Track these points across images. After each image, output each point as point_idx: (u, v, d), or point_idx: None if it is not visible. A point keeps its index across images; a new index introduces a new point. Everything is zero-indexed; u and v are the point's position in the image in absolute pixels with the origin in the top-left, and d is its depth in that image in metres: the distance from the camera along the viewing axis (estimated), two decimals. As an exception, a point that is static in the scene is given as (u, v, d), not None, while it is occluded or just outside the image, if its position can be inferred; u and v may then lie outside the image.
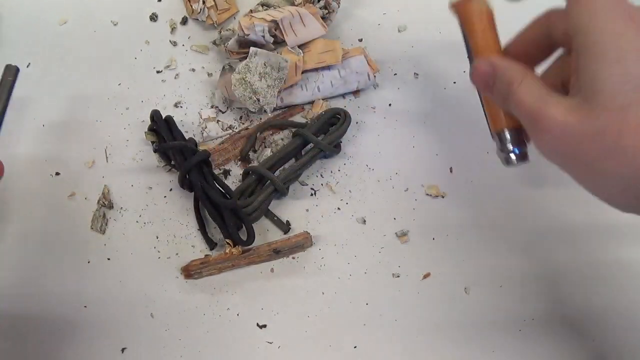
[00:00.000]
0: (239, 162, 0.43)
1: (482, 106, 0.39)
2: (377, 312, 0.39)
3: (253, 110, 0.42)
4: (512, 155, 0.36)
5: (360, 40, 0.47)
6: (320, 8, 0.44)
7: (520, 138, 0.37)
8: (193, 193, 0.40)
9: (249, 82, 0.40)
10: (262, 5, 0.46)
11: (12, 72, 0.38)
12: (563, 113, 0.29)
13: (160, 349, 0.37)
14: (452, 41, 0.48)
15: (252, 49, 0.41)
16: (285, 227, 0.40)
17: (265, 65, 0.41)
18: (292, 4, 0.45)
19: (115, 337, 0.38)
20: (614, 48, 0.27)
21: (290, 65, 0.41)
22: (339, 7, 0.45)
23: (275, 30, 0.43)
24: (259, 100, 0.41)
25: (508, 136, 0.36)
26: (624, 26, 0.27)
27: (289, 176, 0.41)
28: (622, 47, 0.27)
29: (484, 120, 0.44)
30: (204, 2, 0.46)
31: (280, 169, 0.42)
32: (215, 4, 0.46)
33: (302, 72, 0.43)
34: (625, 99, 0.26)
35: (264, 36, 0.42)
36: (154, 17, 0.47)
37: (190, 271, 0.38)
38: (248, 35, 0.42)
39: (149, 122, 0.42)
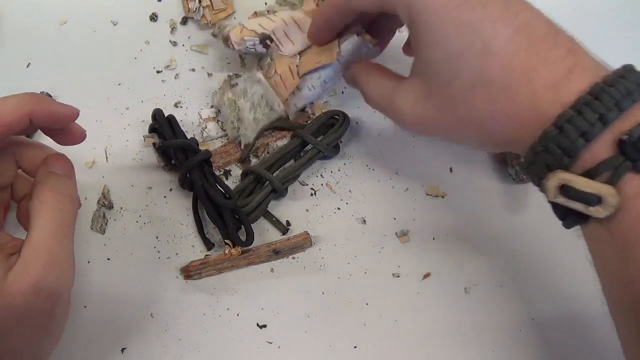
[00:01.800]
0: (239, 164, 0.43)
1: None
2: (377, 312, 0.39)
3: (229, 135, 0.42)
4: (523, 175, 0.39)
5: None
6: None
7: None
8: (192, 193, 0.40)
9: (239, 107, 0.40)
10: (267, 11, 0.46)
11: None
12: (411, 105, 0.32)
13: (160, 349, 0.37)
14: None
15: (256, 74, 0.41)
16: (283, 227, 0.40)
17: (262, 97, 0.40)
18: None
19: (115, 337, 0.38)
20: (435, 27, 0.30)
21: (284, 71, 0.40)
22: None
23: (271, 42, 0.41)
24: (238, 128, 0.41)
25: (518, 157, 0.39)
26: (443, 3, 0.29)
27: (287, 176, 0.41)
28: (442, 22, 0.29)
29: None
30: (199, 1, 0.46)
31: (280, 169, 0.42)
32: (211, 4, 0.46)
33: (301, 76, 0.41)
34: (448, 76, 0.30)
35: (254, 49, 0.41)
36: (154, 17, 0.47)
37: (189, 272, 0.38)
38: (238, 50, 0.41)
39: (149, 122, 0.42)
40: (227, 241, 0.38)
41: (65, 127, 0.33)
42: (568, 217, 0.28)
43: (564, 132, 0.27)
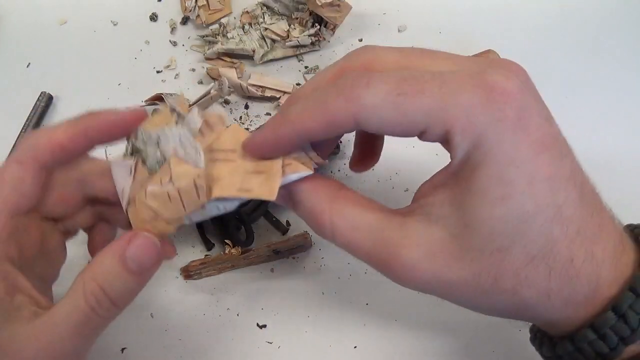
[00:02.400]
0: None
1: None
2: (377, 312, 0.39)
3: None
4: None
5: (361, 40, 0.47)
6: (310, 35, 0.44)
7: None
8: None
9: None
10: (262, 5, 0.46)
11: (45, 98, 0.43)
12: (422, 257, 0.24)
13: (160, 349, 0.37)
14: (452, 41, 0.48)
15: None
16: (284, 228, 0.40)
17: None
18: (290, 17, 0.45)
19: (115, 337, 0.38)
20: (508, 175, 0.23)
21: (186, 185, 0.26)
22: (332, 35, 0.45)
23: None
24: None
25: None
26: (523, 145, 0.23)
27: None
28: (519, 172, 0.23)
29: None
30: (195, 1, 0.46)
31: None
32: (208, 3, 0.46)
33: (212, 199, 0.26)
34: (504, 242, 0.23)
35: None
36: (154, 17, 0.47)
37: (189, 272, 0.38)
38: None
39: (149, 122, 0.42)
40: (227, 241, 0.38)
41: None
42: None
43: (626, 318, 0.23)
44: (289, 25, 0.45)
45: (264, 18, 0.46)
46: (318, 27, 0.44)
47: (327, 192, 0.26)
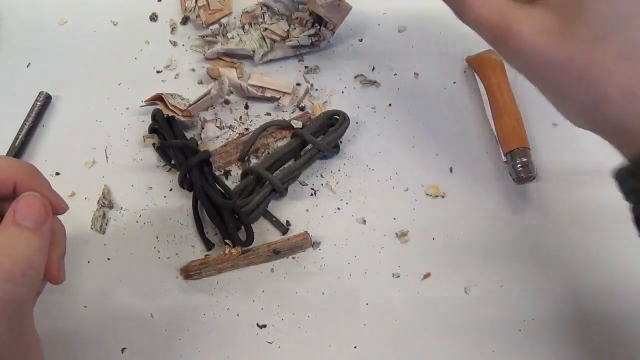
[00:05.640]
0: (239, 164, 0.43)
1: (494, 130, 0.42)
2: (377, 312, 0.39)
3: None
4: (523, 175, 0.39)
5: (361, 40, 0.47)
6: (310, 36, 0.44)
7: (530, 159, 0.41)
8: (192, 193, 0.40)
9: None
10: (262, 5, 0.46)
11: (43, 98, 0.43)
12: (535, 33, 0.27)
13: (160, 349, 0.37)
14: (452, 41, 0.48)
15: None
16: (283, 227, 0.40)
17: None
18: (290, 17, 0.45)
19: (115, 337, 0.38)
20: None
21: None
22: (332, 35, 0.45)
23: None
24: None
25: (519, 157, 0.39)
26: None
27: (287, 176, 0.41)
28: None
29: (485, 121, 0.44)
30: (195, 1, 0.46)
31: (280, 169, 0.42)
32: (208, 3, 0.46)
33: None
34: (603, 30, 0.26)
35: None
36: (154, 17, 0.47)
37: (189, 272, 0.38)
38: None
39: (149, 122, 0.42)
40: (227, 241, 0.38)
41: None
42: None
43: None
44: (289, 25, 0.45)
45: (263, 18, 0.46)
46: (318, 27, 0.44)
47: None
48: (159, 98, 0.42)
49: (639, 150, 0.26)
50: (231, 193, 0.39)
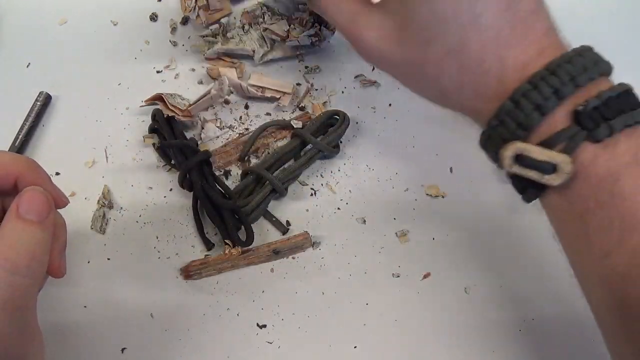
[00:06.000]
0: (239, 164, 0.43)
1: None
2: (377, 312, 0.39)
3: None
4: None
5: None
6: (310, 36, 0.44)
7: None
8: (192, 193, 0.40)
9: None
10: (262, 5, 0.46)
11: (43, 98, 0.43)
12: (376, 39, 0.31)
13: (160, 349, 0.37)
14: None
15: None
16: (283, 227, 0.40)
17: None
18: (290, 17, 0.45)
19: (115, 337, 0.38)
20: None
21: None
22: (332, 35, 0.45)
23: None
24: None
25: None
26: None
27: (287, 176, 0.41)
28: None
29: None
30: (195, 1, 0.46)
31: (280, 169, 0.42)
32: (208, 4, 0.46)
33: None
34: (430, 33, 0.29)
35: None
36: (154, 17, 0.47)
37: (189, 272, 0.38)
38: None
39: (149, 122, 0.42)
40: (227, 241, 0.38)
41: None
42: (526, 189, 0.29)
43: (520, 105, 0.27)
44: (289, 25, 0.45)
45: (263, 18, 0.46)
46: (318, 27, 0.44)
47: None
48: (159, 98, 0.42)
49: (486, 123, 0.30)
50: (231, 193, 0.39)
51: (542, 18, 0.29)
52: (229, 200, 0.38)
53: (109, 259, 0.40)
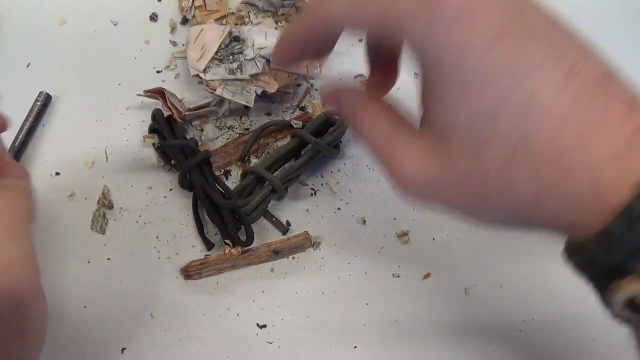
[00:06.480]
0: (239, 164, 0.42)
1: None
2: (377, 312, 0.39)
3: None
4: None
5: (361, 40, 0.47)
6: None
7: None
8: (192, 193, 0.40)
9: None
10: (246, 4, 0.46)
11: (43, 98, 0.43)
12: (417, 160, 0.24)
13: (160, 349, 0.37)
14: (452, 41, 0.48)
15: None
16: (284, 228, 0.40)
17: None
18: (276, 14, 0.45)
19: (115, 337, 0.38)
20: (461, 71, 0.22)
21: None
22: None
23: None
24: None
25: None
26: (472, 39, 0.21)
27: (287, 176, 0.41)
28: (472, 66, 0.21)
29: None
30: (192, 1, 0.45)
31: (280, 169, 0.42)
32: (204, 4, 0.45)
33: None
34: (477, 140, 0.22)
35: None
36: (154, 17, 0.47)
37: (189, 272, 0.38)
38: None
39: (149, 122, 0.42)
40: (227, 241, 0.38)
41: None
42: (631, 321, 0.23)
43: (636, 228, 0.20)
44: (276, 23, 0.44)
45: (249, 17, 0.45)
46: None
47: (360, 95, 0.28)
48: (160, 92, 0.42)
49: (584, 243, 0.23)
50: (231, 193, 0.39)
51: (617, 86, 0.22)
52: (229, 201, 0.38)
53: (109, 259, 0.40)
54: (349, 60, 0.46)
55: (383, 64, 0.30)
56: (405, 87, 0.35)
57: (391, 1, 0.22)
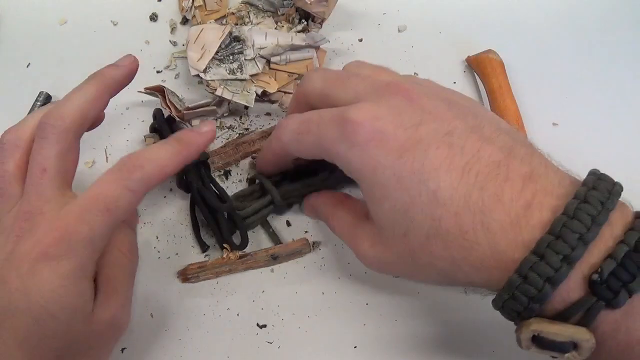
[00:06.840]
0: (249, 170, 0.42)
1: None
2: (377, 312, 0.39)
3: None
4: None
5: (360, 40, 0.47)
6: (298, 32, 0.44)
7: None
8: (190, 194, 0.40)
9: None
10: (246, 4, 0.46)
11: (43, 98, 0.43)
12: (370, 246, 0.32)
13: (160, 349, 0.37)
14: (452, 41, 0.48)
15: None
16: (277, 240, 0.40)
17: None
18: (276, 13, 0.45)
19: (115, 337, 0.38)
20: (378, 183, 0.29)
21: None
22: (321, 28, 0.45)
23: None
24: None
25: None
26: (382, 155, 0.28)
27: (289, 193, 0.39)
28: (383, 179, 0.28)
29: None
30: (192, 1, 0.45)
31: (301, 181, 0.39)
32: (204, 4, 0.45)
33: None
34: (401, 229, 0.29)
35: None
36: (154, 17, 0.47)
37: (187, 275, 0.38)
38: None
39: (149, 122, 0.42)
40: (225, 245, 0.38)
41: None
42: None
43: (529, 280, 0.25)
44: (276, 23, 0.44)
45: (249, 17, 0.45)
46: (305, 22, 0.44)
47: (329, 200, 0.38)
48: (160, 90, 0.42)
49: (497, 293, 0.28)
50: (227, 196, 0.39)
51: (515, 165, 0.27)
52: (224, 204, 0.38)
53: (109, 259, 0.39)
54: (349, 60, 0.46)
55: None
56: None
57: (321, 133, 0.30)
